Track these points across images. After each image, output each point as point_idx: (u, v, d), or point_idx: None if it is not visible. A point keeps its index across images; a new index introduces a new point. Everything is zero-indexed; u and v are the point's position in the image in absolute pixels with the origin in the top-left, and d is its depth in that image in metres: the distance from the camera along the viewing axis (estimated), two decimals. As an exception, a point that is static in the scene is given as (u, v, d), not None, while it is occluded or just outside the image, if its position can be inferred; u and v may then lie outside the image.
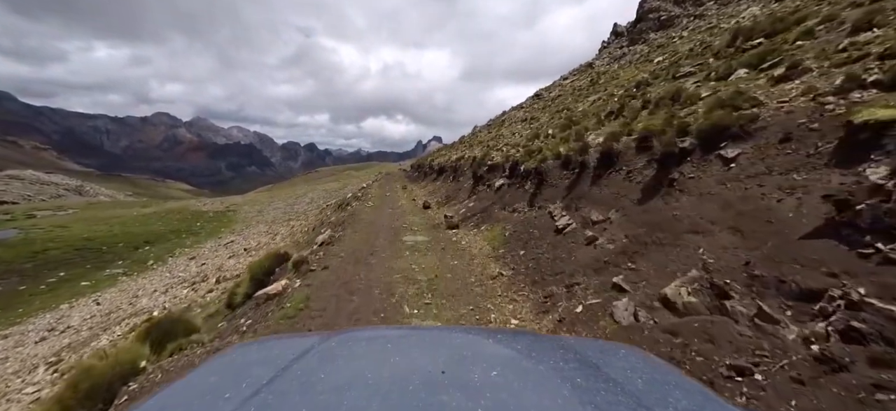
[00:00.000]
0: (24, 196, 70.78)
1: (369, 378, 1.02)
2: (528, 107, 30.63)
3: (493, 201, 9.66)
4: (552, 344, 1.37)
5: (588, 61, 32.45)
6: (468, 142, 34.53)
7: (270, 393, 0.96)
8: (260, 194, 59.55)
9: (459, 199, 12.93)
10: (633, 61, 21.02)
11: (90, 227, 35.83)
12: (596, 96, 15.86)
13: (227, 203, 47.98)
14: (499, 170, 11.44)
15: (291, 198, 45.57)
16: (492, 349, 1.28)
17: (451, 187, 16.42)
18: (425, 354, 1.21)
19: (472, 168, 16.26)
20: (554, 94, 28.05)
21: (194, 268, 18.66)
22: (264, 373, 1.09)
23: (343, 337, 1.42)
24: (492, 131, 30.14)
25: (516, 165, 10.04)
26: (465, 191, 13.59)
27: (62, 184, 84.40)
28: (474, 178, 13.30)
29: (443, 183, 20.74)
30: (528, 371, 1.10)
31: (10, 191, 70.53)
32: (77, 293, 19.55)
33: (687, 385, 1.10)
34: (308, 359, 1.18)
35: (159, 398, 1.04)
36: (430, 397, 0.89)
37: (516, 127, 22.21)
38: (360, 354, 1.24)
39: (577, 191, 7.27)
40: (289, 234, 22.04)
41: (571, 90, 24.61)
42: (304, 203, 40.41)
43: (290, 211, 37.99)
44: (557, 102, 22.71)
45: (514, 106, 38.64)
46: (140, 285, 18.52)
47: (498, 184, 10.44)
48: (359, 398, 0.89)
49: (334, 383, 0.99)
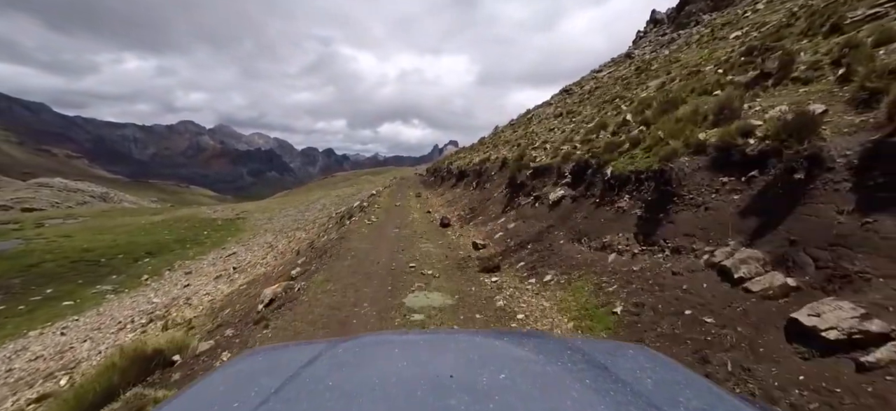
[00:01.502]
0: (53, 203, 71.85)
1: (377, 384, 1.00)
2: (558, 103, 27.50)
3: (550, 223, 6.64)
4: (560, 346, 1.32)
5: (625, 52, 29.13)
6: (490, 142, 31.56)
7: (278, 401, 0.95)
8: (272, 201, 57.97)
9: (490, 215, 9.96)
10: (693, 43, 17.79)
11: (94, 237, 34.44)
12: (660, 80, 12.69)
13: (238, 210, 46.37)
14: (551, 174, 8.45)
15: (304, 205, 43.51)
16: (500, 352, 1.27)
17: (476, 196, 13.43)
18: (433, 359, 1.19)
19: (504, 171, 13.23)
20: (588, 87, 24.91)
21: (161, 299, 16.05)
22: (272, 382, 1.06)
23: (351, 343, 1.38)
24: (518, 130, 27.10)
25: (586, 167, 6.98)
26: (496, 202, 10.62)
27: (88, 190, 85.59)
28: (511, 186, 10.28)
29: (464, 190, 17.73)
30: (536, 373, 1.08)
31: (39, 198, 71.77)
32: (56, 315, 17.46)
33: (697, 383, 1.07)
34: (316, 367, 1.16)
35: (169, 407, 1.04)
36: (438, 401, 0.88)
37: (551, 122, 19.13)
38: (367, 360, 1.20)
39: (770, 215, 3.86)
40: (282, 253, 19.47)
41: (613, 81, 21.45)
42: (316, 209, 38.22)
43: (300, 218, 35.84)
44: (599, 94, 19.62)
45: (541, 103, 35.49)
46: (113, 311, 16.18)
47: (555, 196, 7.36)
48: (367, 404, 0.89)
49: (342, 390, 0.97)
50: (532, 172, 9.31)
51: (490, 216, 9.92)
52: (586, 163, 6.88)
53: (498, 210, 9.93)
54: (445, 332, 1.75)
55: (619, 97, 14.20)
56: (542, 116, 24.90)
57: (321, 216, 31.69)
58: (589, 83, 26.87)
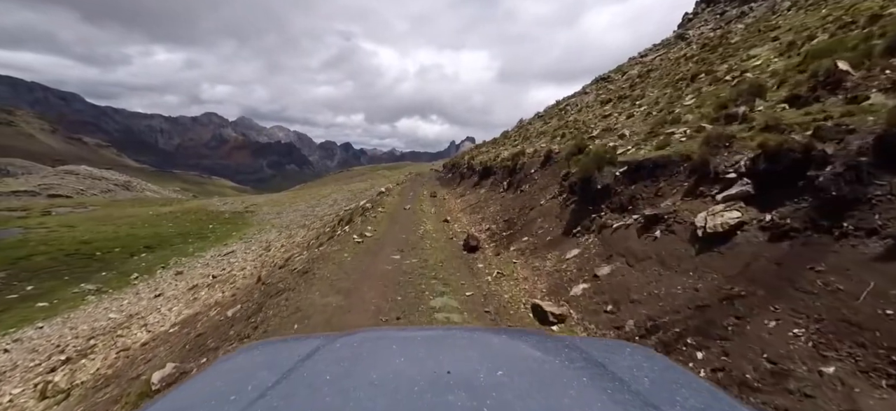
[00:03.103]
0: (78, 190, 72.75)
1: (375, 379, 1.00)
2: (599, 90, 24.18)
3: (724, 286, 3.23)
4: (558, 344, 1.31)
5: (675, 34, 25.53)
6: (517, 135, 28.42)
7: (276, 395, 0.93)
8: (284, 195, 56.22)
9: (542, 235, 6.82)
10: (782, 11, 14.40)
11: (97, 227, 32.98)
12: (769, 46, 9.46)
13: (247, 203, 44.60)
14: (675, 175, 5.05)
15: (315, 200, 41.32)
16: (498, 349, 1.26)
17: (512, 202, 10.36)
18: (431, 355, 1.16)
19: (549, 169, 10.14)
20: (637, 72, 21.56)
21: (119, 315, 13.53)
22: (270, 376, 1.05)
23: (348, 339, 1.37)
24: (550, 121, 23.89)
25: (807, 160, 3.52)
26: (550, 216, 7.45)
27: (112, 179, 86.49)
28: (578, 193, 6.91)
29: (490, 191, 14.65)
30: (534, 370, 1.08)
31: (65, 185, 72.79)
32: (23, 319, 15.41)
33: (694, 383, 1.06)
34: (313, 361, 1.15)
35: (165, 402, 1.01)
36: (436, 398, 0.87)
37: (602, 110, 15.87)
38: (365, 356, 1.19)
39: None
40: (274, 256, 16.94)
41: (674, 62, 18.11)
42: (326, 205, 35.89)
43: (309, 214, 33.58)
44: (657, 77, 16.39)
45: (571, 94, 32.08)
46: (77, 321, 13.87)
47: (720, 221, 3.76)
48: (364, 399, 0.88)
49: (340, 385, 0.97)
50: (626, 171, 6.00)
51: (542, 238, 6.78)
52: (808, 149, 3.40)
53: (556, 228, 6.71)
54: (444, 329, 1.76)
55: (704, 72, 10.95)
56: (582, 105, 21.68)
57: (329, 213, 29.28)
58: (633, 68, 23.50)
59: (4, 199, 58.60)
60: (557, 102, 33.24)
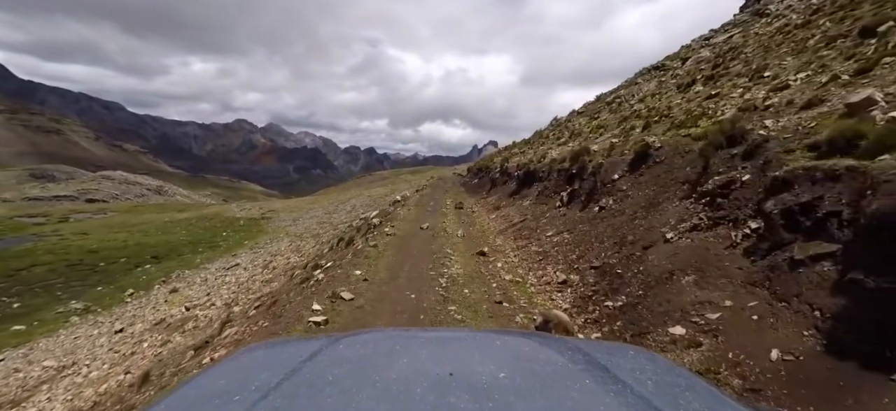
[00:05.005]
0: (113, 194, 74.44)
1: (377, 380, 0.98)
2: (661, 77, 20.53)
3: None
4: (561, 346, 1.28)
5: (753, 10, 21.52)
6: (553, 134, 24.98)
7: (279, 395, 0.92)
8: (303, 201, 54.54)
9: (713, 330, 3.49)
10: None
11: (109, 235, 31.72)
12: None
13: (264, 209, 42.92)
14: None
15: (333, 205, 39.09)
16: (500, 351, 1.23)
17: (587, 225, 6.94)
18: (433, 356, 1.15)
19: (643, 169, 6.84)
20: (707, 55, 17.82)
21: (60, 361, 10.89)
22: (272, 376, 1.03)
23: (351, 339, 1.34)
24: (599, 115, 20.38)
25: None
26: (709, 268, 3.80)
27: (145, 184, 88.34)
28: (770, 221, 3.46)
29: (538, 204, 11.23)
30: (536, 372, 1.06)
31: (101, 190, 74.67)
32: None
33: (698, 387, 1.03)
34: (316, 362, 1.12)
35: (168, 402, 1.00)
36: (438, 399, 0.86)
37: (679, 95, 12.30)
38: (368, 356, 1.18)
39: None
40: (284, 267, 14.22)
41: (757, 39, 14.36)
42: (344, 212, 33.46)
43: (325, 220, 31.20)
44: (739, 56, 12.76)
45: (617, 86, 28.35)
46: (33, 356, 11.51)
47: None
48: (367, 400, 0.87)
49: (342, 386, 0.95)
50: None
51: (713, 332, 3.42)
52: None
53: (741, 300, 3.38)
54: (446, 330, 1.76)
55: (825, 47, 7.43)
56: (645, 94, 18.07)
57: (344, 221, 26.66)
58: (700, 51, 19.70)
59: (46, 203, 59.91)
60: (598, 98, 29.53)
